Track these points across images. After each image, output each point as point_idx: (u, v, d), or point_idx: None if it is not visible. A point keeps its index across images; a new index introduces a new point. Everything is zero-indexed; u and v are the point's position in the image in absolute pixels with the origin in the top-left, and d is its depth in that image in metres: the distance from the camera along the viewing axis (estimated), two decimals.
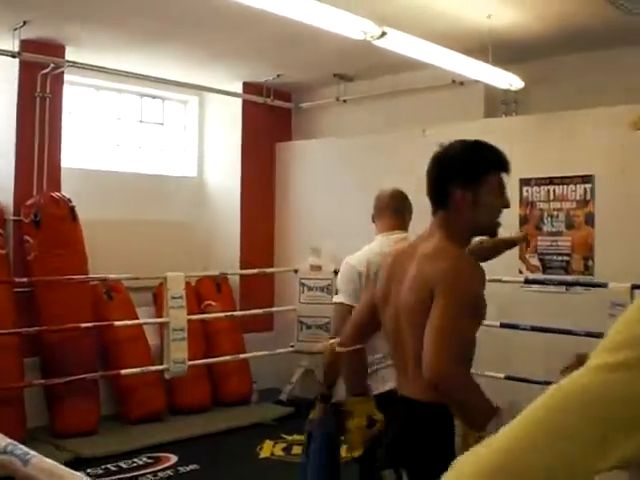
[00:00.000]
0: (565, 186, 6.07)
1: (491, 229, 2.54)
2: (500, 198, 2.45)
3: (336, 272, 7.16)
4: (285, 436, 6.37)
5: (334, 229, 7.50)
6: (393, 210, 3.74)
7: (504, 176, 2.46)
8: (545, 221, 6.16)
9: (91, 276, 6.33)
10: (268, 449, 6.12)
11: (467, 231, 2.47)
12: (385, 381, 3.36)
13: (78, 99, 7.31)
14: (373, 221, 3.81)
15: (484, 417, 2.16)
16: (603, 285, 5.37)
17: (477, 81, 6.24)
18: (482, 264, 2.48)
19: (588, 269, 5.93)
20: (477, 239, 2.84)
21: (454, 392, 2.22)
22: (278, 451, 6.08)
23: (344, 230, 7.39)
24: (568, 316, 5.60)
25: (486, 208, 2.42)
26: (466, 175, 2.39)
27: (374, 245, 3.66)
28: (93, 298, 6.47)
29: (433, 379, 2.19)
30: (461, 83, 6.68)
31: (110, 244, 6.78)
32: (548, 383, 1.28)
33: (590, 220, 5.93)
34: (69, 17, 5.75)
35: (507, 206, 2.50)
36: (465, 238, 2.49)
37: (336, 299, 3.63)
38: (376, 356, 3.44)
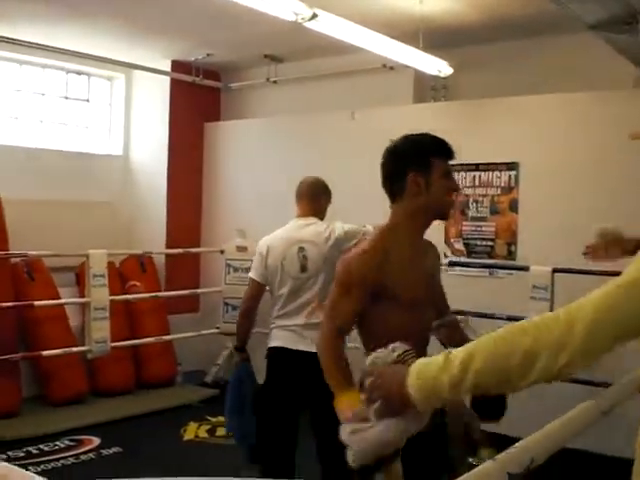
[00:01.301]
0: (490, 172, 6.17)
1: (444, 210, 2.71)
2: (448, 181, 2.64)
3: None
4: (209, 418, 6.35)
5: (261, 210, 7.48)
6: (309, 197, 4.12)
7: (449, 162, 2.65)
8: (470, 207, 6.25)
9: (10, 252, 6.19)
10: (192, 431, 6.09)
11: (422, 215, 2.64)
12: (274, 338, 4.02)
13: (1, 73, 7.10)
14: None
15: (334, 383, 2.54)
16: (525, 269, 5.49)
17: (407, 66, 6.27)
18: None
19: (511, 254, 6.05)
20: None
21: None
22: (202, 433, 6.06)
23: (271, 211, 7.37)
24: (491, 299, 5.71)
25: (438, 191, 2.60)
26: (418, 161, 2.59)
27: (284, 229, 4.11)
28: (14, 278, 6.33)
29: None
30: (391, 68, 6.70)
31: (32, 224, 6.61)
32: None
33: (514, 206, 6.04)
34: None
35: (456, 189, 2.74)
36: (420, 223, 2.67)
37: (250, 274, 4.17)
38: (272, 316, 4.05)
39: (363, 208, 6.55)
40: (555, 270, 5.30)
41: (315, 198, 4.12)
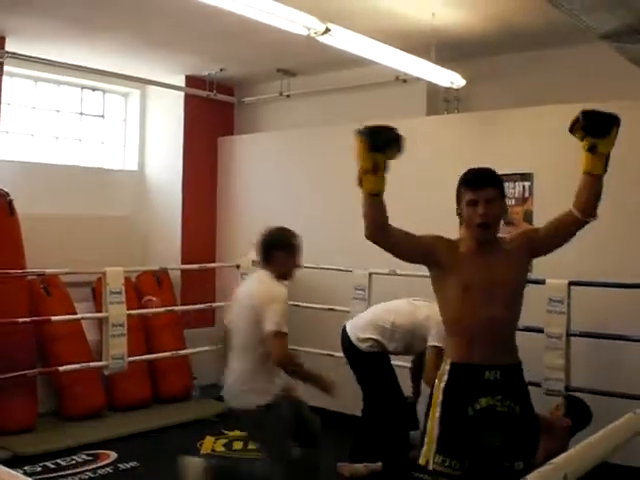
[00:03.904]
0: (505, 184, 6.13)
1: (471, 234, 3.15)
2: (470, 209, 3.09)
3: None
4: (226, 432, 6.35)
5: (276, 224, 7.47)
6: None
7: (476, 192, 3.12)
8: None
9: (28, 270, 6.20)
10: (209, 445, 6.09)
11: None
12: None
13: (17, 90, 7.17)
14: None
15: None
16: (541, 282, 5.45)
17: (420, 79, 6.28)
18: None
19: None
20: None
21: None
22: (219, 447, 6.06)
23: (285, 225, 7.38)
24: None
25: (464, 218, 3.13)
26: (458, 193, 3.16)
27: None
28: (30, 293, 6.34)
29: None
30: (404, 80, 6.72)
31: (49, 239, 6.66)
32: None
33: (529, 217, 6.02)
34: (9, 7, 5.60)
35: (476, 219, 3.08)
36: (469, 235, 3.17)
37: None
38: None
39: None
40: (571, 283, 5.27)
41: None
